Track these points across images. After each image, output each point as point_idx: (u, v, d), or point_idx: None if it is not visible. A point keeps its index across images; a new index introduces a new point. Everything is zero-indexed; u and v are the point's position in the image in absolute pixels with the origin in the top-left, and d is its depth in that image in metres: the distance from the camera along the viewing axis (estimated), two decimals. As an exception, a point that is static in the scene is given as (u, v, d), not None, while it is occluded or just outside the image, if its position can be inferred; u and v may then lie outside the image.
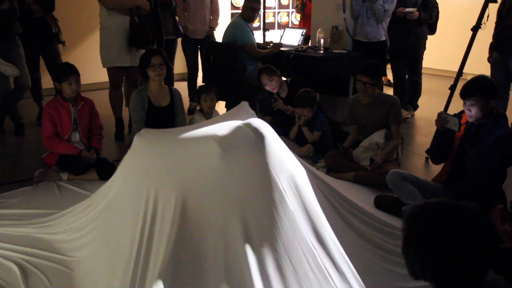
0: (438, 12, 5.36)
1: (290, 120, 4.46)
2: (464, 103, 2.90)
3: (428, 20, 5.22)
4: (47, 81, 5.34)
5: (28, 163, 4.11)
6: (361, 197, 3.44)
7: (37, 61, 5.21)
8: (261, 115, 4.68)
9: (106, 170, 3.70)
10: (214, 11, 5.86)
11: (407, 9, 5.08)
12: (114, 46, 4.56)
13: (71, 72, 3.65)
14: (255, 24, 7.25)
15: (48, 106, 3.74)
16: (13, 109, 4.87)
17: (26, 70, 4.68)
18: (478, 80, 2.93)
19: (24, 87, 4.65)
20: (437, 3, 5.35)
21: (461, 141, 3.04)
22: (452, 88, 4.18)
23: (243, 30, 5.14)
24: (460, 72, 4.20)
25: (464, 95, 2.88)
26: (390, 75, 5.95)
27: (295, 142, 4.35)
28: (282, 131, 4.42)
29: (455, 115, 3.08)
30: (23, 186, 3.58)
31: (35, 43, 5.01)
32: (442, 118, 3.07)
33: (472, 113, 2.87)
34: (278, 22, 8.71)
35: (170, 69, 4.09)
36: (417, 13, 5.10)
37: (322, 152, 4.12)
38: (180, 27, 5.81)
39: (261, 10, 5.87)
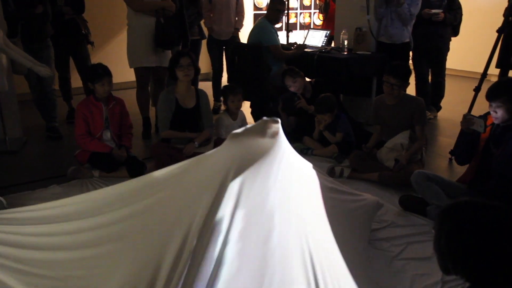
0: (461, 14, 5.37)
1: (314, 120, 4.53)
2: (490, 105, 2.93)
3: (453, 22, 5.24)
4: (75, 81, 5.52)
5: (61, 160, 4.25)
6: (385, 197, 3.51)
7: (67, 61, 5.36)
8: (285, 114, 4.76)
9: (136, 168, 3.82)
10: (239, 12, 5.95)
11: (433, 11, 5.10)
12: (141, 46, 4.68)
13: (104, 73, 3.78)
14: (277, 25, 7.32)
15: (81, 105, 3.87)
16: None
17: (53, 72, 4.84)
18: (504, 82, 2.96)
19: (47, 88, 4.83)
20: (460, 5, 5.36)
21: (487, 142, 3.07)
22: (477, 90, 4.20)
23: (268, 32, 5.21)
24: (484, 74, 4.22)
25: (490, 97, 2.91)
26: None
27: (319, 143, 4.41)
28: (306, 131, 4.51)
29: (480, 116, 3.11)
30: (57, 183, 3.71)
31: (66, 44, 5.17)
32: (467, 119, 3.10)
33: (498, 114, 2.90)
34: (300, 23, 8.76)
35: (198, 70, 4.18)
36: (442, 14, 5.11)
37: (347, 152, 4.17)
38: (205, 28, 5.92)
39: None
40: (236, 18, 5.93)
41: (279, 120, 1.85)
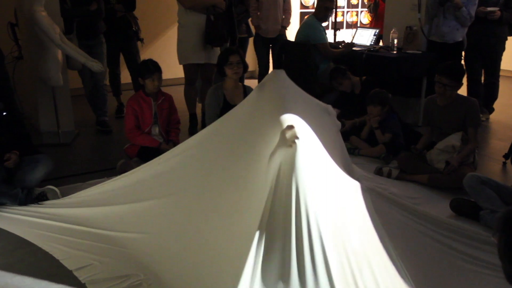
0: (520, 12, 5.16)
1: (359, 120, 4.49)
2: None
3: (510, 20, 5.04)
4: (124, 77, 5.64)
5: (110, 154, 4.36)
6: (435, 200, 3.42)
7: (118, 57, 5.49)
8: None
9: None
10: (287, 10, 5.94)
11: (489, 8, 4.92)
12: (190, 43, 4.74)
13: (154, 69, 3.85)
14: (324, 23, 7.26)
15: (132, 100, 3.95)
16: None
17: (105, 68, 4.97)
18: None
19: (99, 83, 4.97)
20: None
21: (547, 146, 2.94)
22: (534, 91, 4.03)
23: (316, 29, 5.18)
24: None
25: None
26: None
27: (367, 142, 4.34)
28: (353, 130, 4.46)
29: (540, 119, 2.98)
30: (106, 175, 3.76)
31: (117, 41, 5.29)
32: (526, 121, 2.98)
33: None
34: (347, 21, 8.65)
35: (246, 67, 4.19)
36: (499, 12, 4.92)
37: (394, 153, 4.09)
38: (253, 26, 5.93)
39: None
40: (283, 16, 5.92)
41: (294, 126, 1.91)
